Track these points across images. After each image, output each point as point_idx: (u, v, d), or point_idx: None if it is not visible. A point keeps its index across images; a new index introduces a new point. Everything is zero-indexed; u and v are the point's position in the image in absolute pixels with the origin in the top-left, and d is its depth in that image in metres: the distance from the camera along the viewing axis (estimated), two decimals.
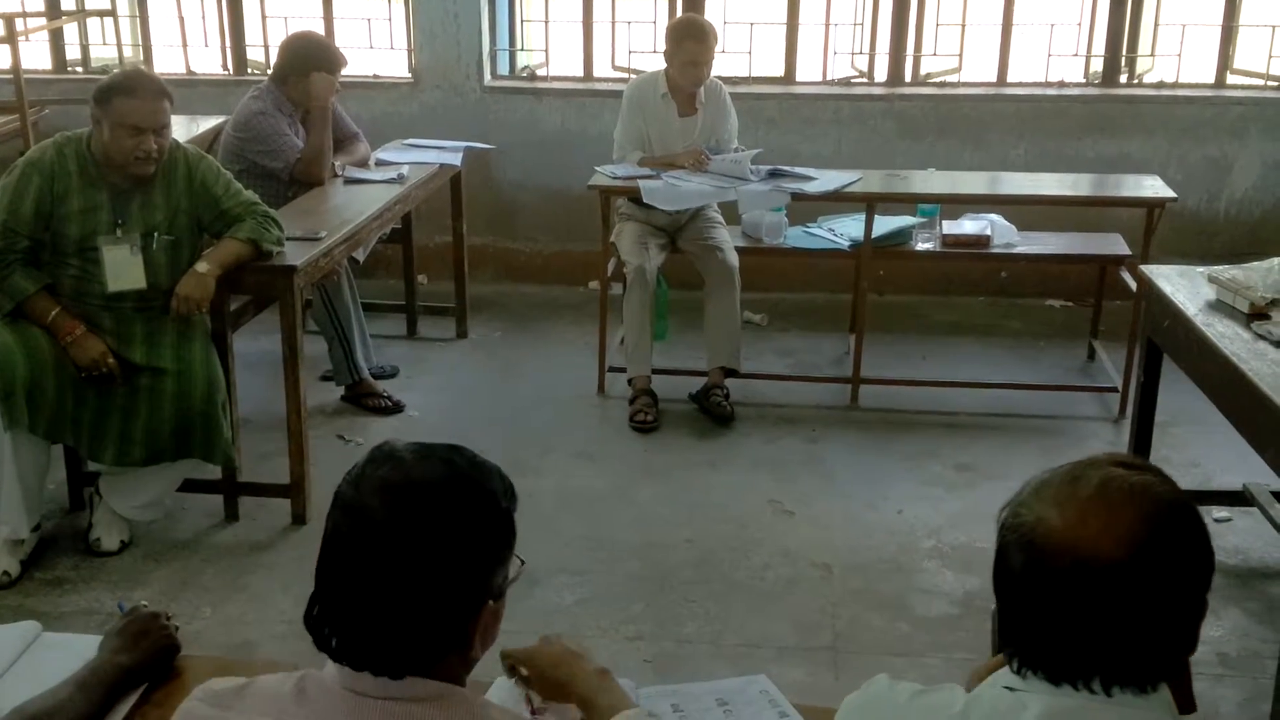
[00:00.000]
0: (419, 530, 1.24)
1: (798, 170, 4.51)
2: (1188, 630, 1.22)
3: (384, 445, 1.31)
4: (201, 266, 3.36)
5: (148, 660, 1.71)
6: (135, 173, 3.29)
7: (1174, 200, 4.28)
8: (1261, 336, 2.76)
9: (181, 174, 3.40)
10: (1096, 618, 1.17)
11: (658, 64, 4.68)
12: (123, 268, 3.31)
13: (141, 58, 5.82)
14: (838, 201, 4.45)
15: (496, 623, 1.32)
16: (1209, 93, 5.34)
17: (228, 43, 5.76)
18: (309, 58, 4.34)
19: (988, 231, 4.46)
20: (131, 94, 3.22)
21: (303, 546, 3.43)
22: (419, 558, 1.23)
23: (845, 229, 4.53)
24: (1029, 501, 1.23)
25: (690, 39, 4.37)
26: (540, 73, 5.70)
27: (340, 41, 5.61)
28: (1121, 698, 1.19)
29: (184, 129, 4.67)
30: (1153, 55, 5.45)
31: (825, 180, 4.43)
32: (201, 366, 3.36)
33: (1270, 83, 5.34)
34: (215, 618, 3.16)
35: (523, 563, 1.35)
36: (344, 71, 4.49)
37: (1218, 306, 2.95)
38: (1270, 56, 5.31)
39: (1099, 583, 1.16)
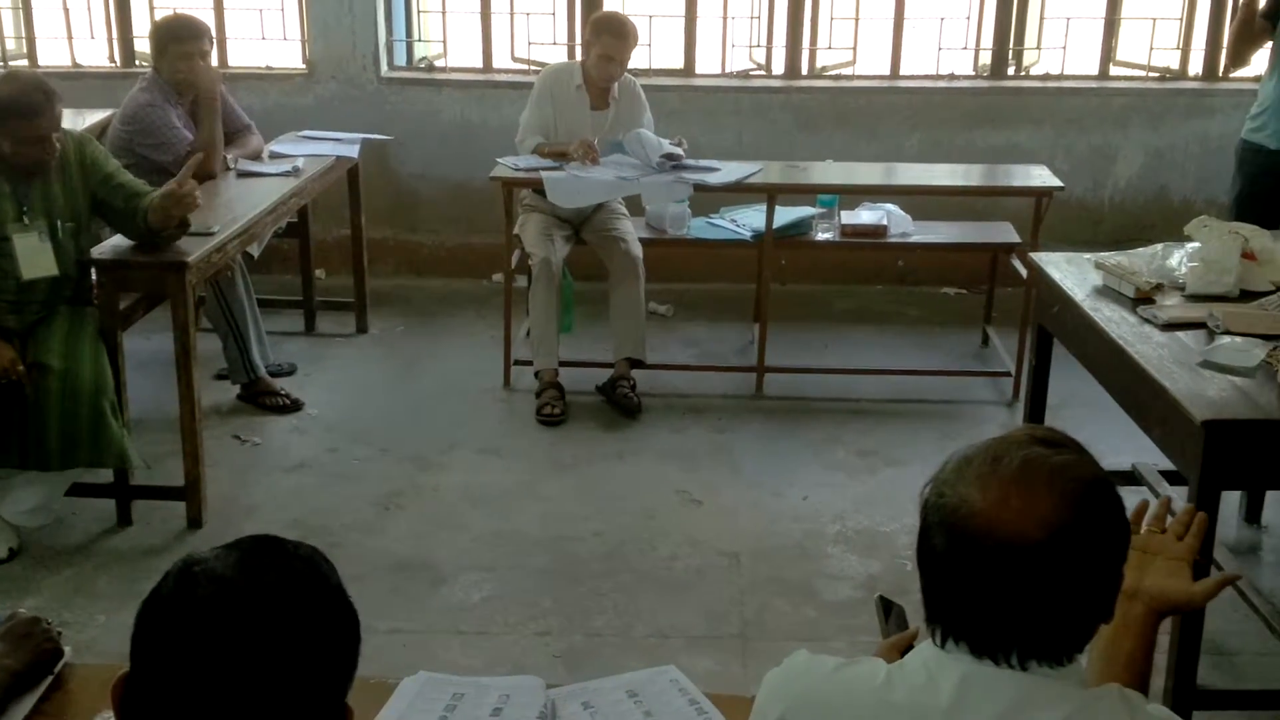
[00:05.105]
0: (298, 629, 1.07)
1: (700, 162, 4.53)
2: (1104, 602, 1.26)
3: (183, 562, 1.11)
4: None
5: (32, 663, 1.67)
6: (42, 167, 3.27)
7: (1061, 189, 4.41)
8: (1147, 320, 2.84)
9: (74, 159, 3.38)
10: (1017, 596, 1.20)
11: (559, 56, 4.66)
12: (34, 255, 3.26)
13: (25, 50, 5.61)
14: (739, 192, 4.49)
15: None
16: (1093, 84, 5.49)
17: (114, 34, 5.58)
18: (161, 32, 4.30)
19: (884, 221, 4.54)
20: (32, 114, 3.18)
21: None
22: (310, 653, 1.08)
23: (747, 219, 4.57)
24: (951, 480, 1.24)
25: (609, 33, 4.37)
26: (439, 64, 5.64)
27: (231, 33, 5.48)
28: (1039, 669, 1.22)
29: (70, 123, 4.46)
30: (1039, 48, 5.58)
31: (727, 171, 4.46)
32: (89, 364, 3.27)
33: (1151, 74, 5.52)
34: (109, 625, 3.07)
35: None
36: (234, 62, 4.39)
37: (1104, 292, 3.02)
38: (1151, 48, 5.49)
39: (1020, 563, 1.19)
